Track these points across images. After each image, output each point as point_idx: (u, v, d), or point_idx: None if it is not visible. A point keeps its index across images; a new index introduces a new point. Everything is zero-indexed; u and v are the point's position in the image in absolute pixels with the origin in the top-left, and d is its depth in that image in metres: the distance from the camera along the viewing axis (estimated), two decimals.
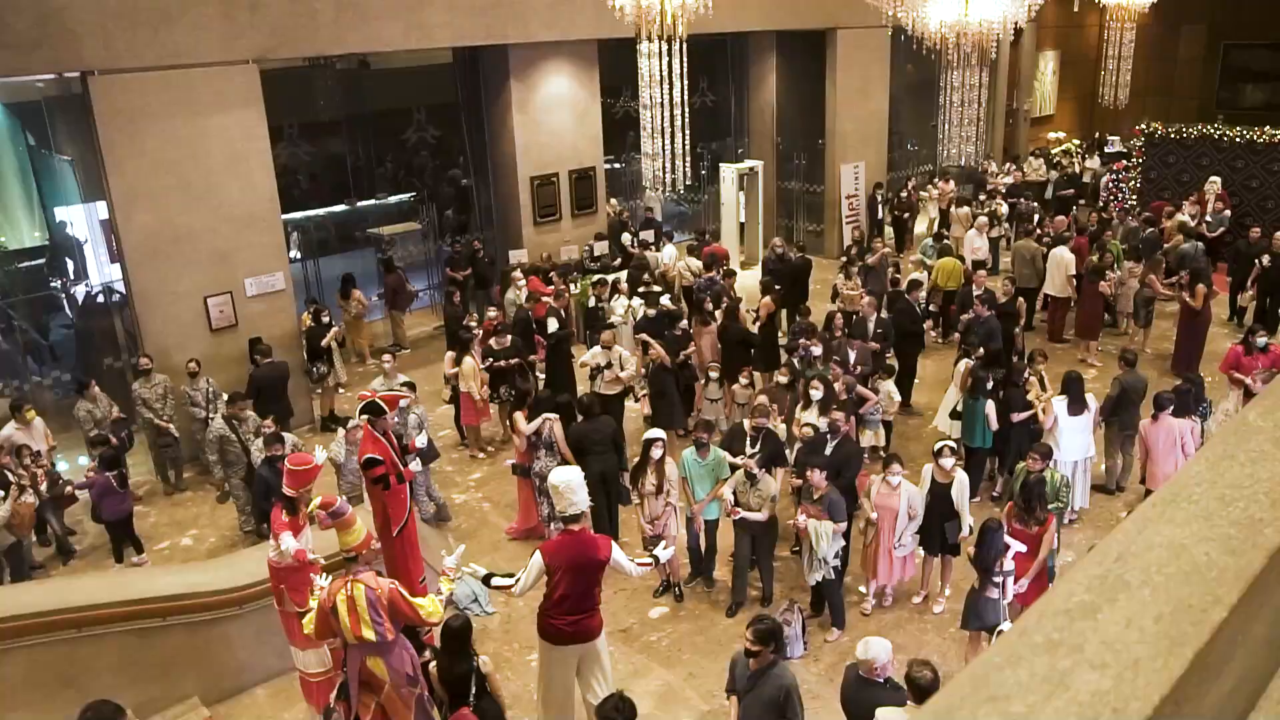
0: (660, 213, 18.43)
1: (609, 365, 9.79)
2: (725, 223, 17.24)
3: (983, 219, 14.48)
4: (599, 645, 5.68)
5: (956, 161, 10.88)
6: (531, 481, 8.39)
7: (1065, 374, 8.86)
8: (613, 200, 16.67)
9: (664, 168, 7.88)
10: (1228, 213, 15.33)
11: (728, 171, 16.85)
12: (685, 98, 7.84)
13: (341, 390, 11.55)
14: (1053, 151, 23.51)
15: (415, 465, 6.82)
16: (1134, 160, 16.91)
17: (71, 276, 12.79)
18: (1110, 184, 17.06)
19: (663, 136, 7.85)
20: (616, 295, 12.06)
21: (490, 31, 12.20)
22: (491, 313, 11.21)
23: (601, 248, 14.03)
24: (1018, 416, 8.68)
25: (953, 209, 16.40)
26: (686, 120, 7.94)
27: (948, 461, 6.89)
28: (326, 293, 13.40)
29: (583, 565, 5.29)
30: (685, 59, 7.85)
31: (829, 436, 7.47)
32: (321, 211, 14.94)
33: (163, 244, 10.02)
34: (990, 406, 8.75)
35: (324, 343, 10.85)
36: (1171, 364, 11.62)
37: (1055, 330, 13.06)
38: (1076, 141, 24.09)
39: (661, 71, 7.63)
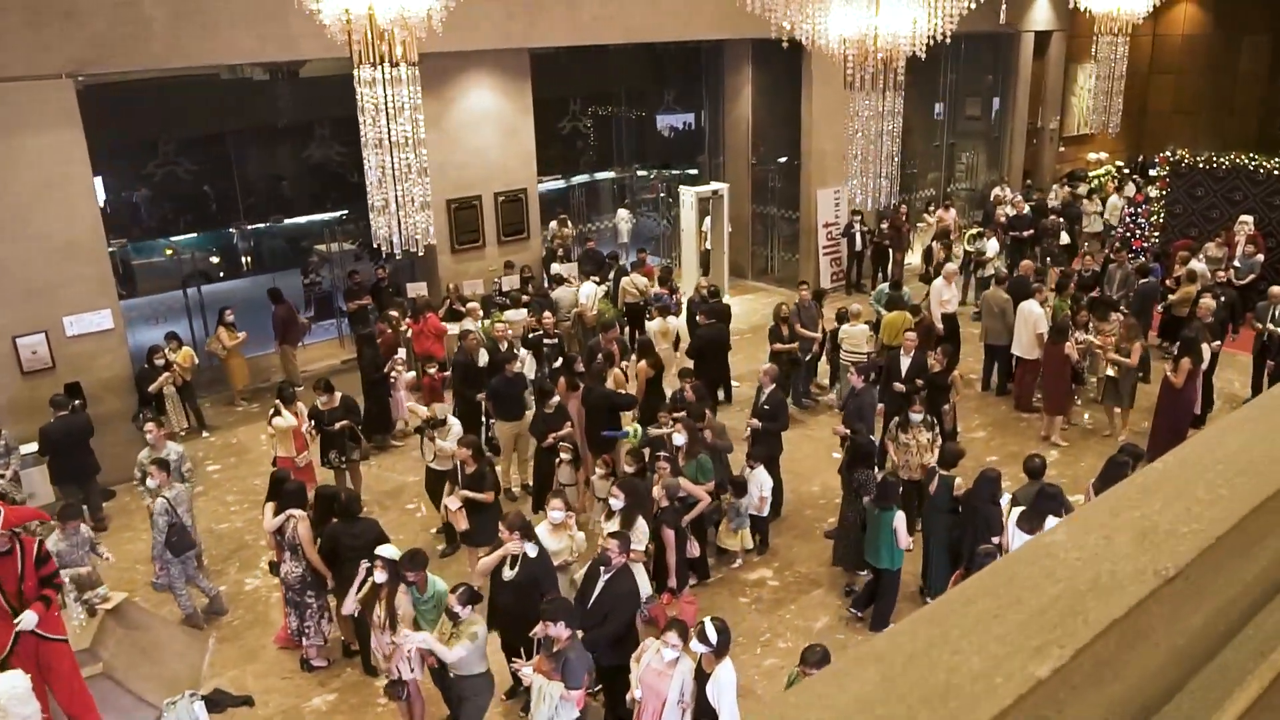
0: (627, 234, 16.95)
1: (434, 426, 8.24)
2: (685, 250, 15.62)
3: (951, 266, 12.44)
4: None
5: (866, 205, 9.10)
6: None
7: (1041, 488, 6.92)
8: (552, 224, 15.25)
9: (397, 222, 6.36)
10: (1260, 257, 13.05)
11: (687, 194, 15.22)
12: (417, 134, 6.32)
13: (181, 433, 10.43)
14: (1090, 175, 21.17)
15: (28, 622, 5.34)
16: (1158, 192, 14.67)
17: None
18: (1128, 218, 14.82)
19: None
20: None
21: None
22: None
23: (511, 281, 12.60)
24: (986, 548, 6.80)
25: (935, 244, 14.44)
26: (424, 162, 6.42)
27: (698, 648, 5.14)
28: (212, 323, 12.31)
29: None
30: (417, 87, 6.33)
31: (601, 569, 5.88)
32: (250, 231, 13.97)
33: None
34: (900, 519, 6.99)
35: (151, 389, 9.69)
36: (1148, 450, 9.57)
37: (1022, 398, 11.08)
38: (1119, 164, 21.64)
39: (390, 102, 6.12)
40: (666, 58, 16.61)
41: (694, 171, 16.98)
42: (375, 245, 7.81)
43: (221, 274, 14.72)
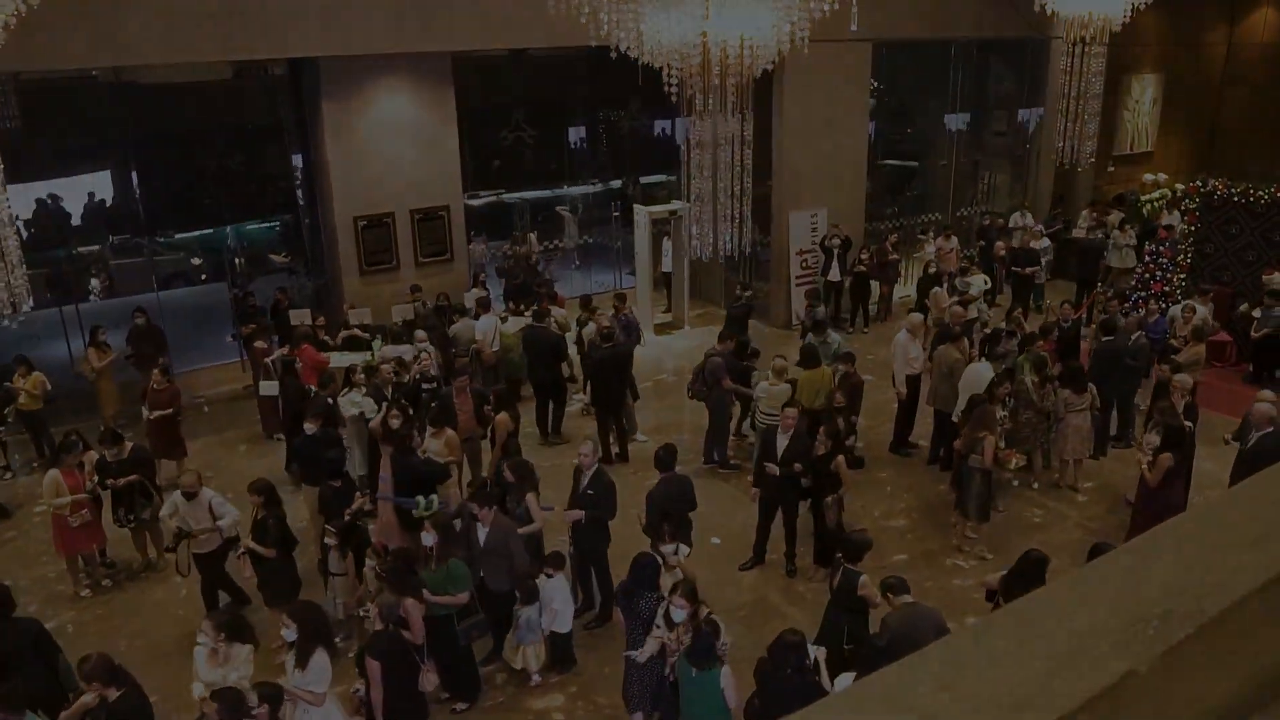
0: (574, 233, 15.55)
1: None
2: (640, 277, 14.11)
3: (915, 316, 10.54)
4: None
5: (715, 256, 7.46)
6: None
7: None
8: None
9: None
10: None
11: (640, 215, 13.73)
12: None
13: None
14: (1143, 198, 18.71)
15: None
16: (1186, 228, 12.43)
17: None
18: (1149, 258, 12.60)
19: None
20: (351, 387, 9.36)
21: (228, 45, 9.81)
22: None
23: (405, 311, 11.38)
24: None
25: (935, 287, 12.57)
26: (10, 210, 5.15)
27: None
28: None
29: None
30: None
31: None
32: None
33: None
34: (727, 674, 5.35)
35: None
36: None
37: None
38: (1179, 186, 19.06)
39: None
40: (634, 63, 15.15)
41: (668, 177, 15.51)
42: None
43: (204, 276, 14.07)
